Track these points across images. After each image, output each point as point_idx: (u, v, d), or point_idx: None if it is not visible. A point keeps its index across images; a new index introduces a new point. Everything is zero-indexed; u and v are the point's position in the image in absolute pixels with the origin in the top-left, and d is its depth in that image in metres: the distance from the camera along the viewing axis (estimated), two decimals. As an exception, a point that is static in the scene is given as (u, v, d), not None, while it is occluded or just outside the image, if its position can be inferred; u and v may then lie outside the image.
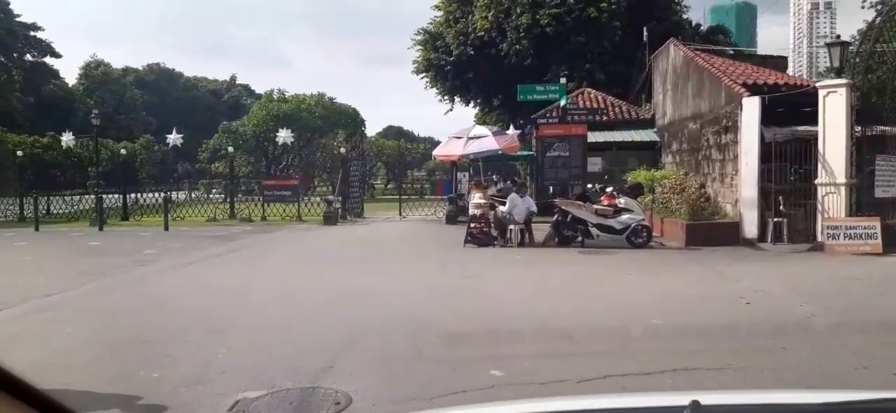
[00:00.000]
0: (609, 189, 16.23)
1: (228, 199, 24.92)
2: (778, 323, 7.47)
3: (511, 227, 14.27)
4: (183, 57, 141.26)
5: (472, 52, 35.25)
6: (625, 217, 13.90)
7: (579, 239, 13.97)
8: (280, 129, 25.12)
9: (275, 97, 42.47)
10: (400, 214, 23.63)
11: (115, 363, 6.10)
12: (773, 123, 14.33)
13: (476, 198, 14.64)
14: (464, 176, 23.81)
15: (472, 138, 17.08)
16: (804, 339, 6.89)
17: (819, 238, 13.28)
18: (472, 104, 42.82)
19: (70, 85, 77.64)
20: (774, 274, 10.63)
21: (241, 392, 5.13)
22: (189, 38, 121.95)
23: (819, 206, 13.45)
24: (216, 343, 6.71)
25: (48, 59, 59.66)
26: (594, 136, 21.03)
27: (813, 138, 13.57)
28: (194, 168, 57.99)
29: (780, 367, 5.78)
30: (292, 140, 25.16)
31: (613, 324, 7.44)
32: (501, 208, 14.46)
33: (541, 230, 14.70)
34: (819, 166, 13.40)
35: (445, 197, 24.77)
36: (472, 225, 14.45)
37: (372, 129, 64.51)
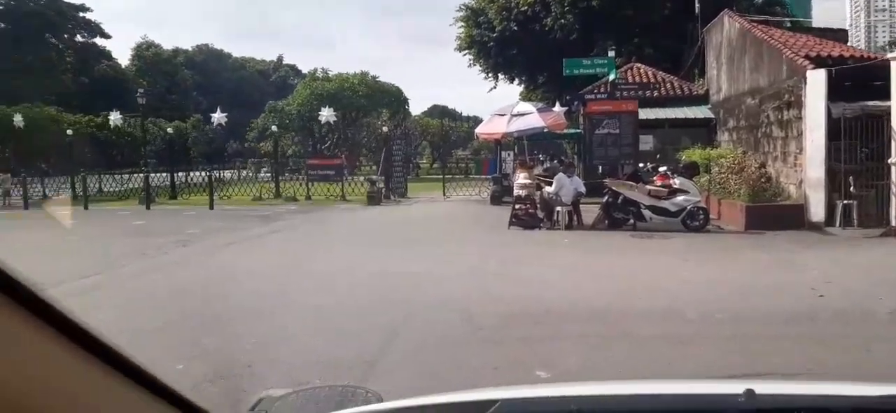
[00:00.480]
0: (662, 169, 15.43)
1: (274, 179, 24.87)
2: (856, 318, 6.76)
3: (558, 208, 13.66)
4: (230, 40, 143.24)
5: (515, 28, 34.39)
6: (680, 198, 13.13)
7: (631, 222, 13.27)
8: (323, 108, 24.88)
9: (318, 76, 42.35)
10: (444, 194, 23.19)
11: (138, 353, 5.82)
12: (838, 99, 13.29)
13: (521, 178, 14.04)
14: (508, 155, 23.13)
15: (515, 115, 16.31)
16: (888, 337, 6.18)
17: (893, 222, 12.28)
18: (516, 82, 41.99)
19: (123, 66, 79.72)
20: (847, 262, 9.79)
21: (266, 389, 4.78)
22: (236, 21, 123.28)
23: (893, 188, 12.42)
24: (247, 332, 6.40)
25: (98, 41, 61.05)
26: (645, 114, 20.10)
27: (885, 114, 12.49)
28: (243, 147, 58.77)
29: (862, 371, 5.13)
30: (335, 119, 24.89)
31: (671, 317, 6.84)
32: (548, 189, 13.85)
33: (590, 212, 14.05)
34: (892, 144, 12.35)
35: (490, 177, 24.21)
36: (517, 206, 13.89)
37: (417, 109, 64.24)
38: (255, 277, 9.07)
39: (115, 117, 24.32)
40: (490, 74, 38.15)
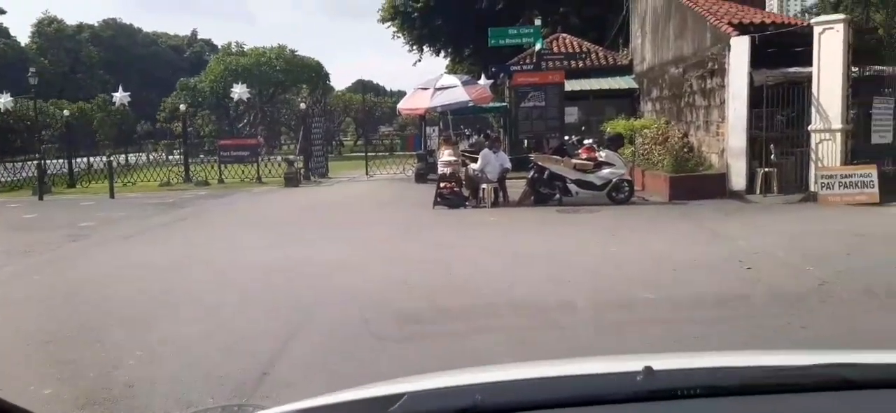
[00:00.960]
0: (587, 141, 15.20)
1: (184, 162, 23.35)
2: (787, 293, 6.52)
3: (484, 186, 13.16)
4: (141, 13, 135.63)
5: (440, -3, 33.60)
6: (606, 171, 12.86)
7: (557, 197, 12.92)
8: (235, 85, 23.41)
9: (233, 51, 40.20)
10: (367, 174, 22.36)
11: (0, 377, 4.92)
12: (761, 66, 13.30)
13: (445, 155, 13.42)
14: (433, 131, 22.51)
15: (439, 89, 15.57)
16: (821, 311, 5.95)
17: (812, 188, 12.41)
18: (441, 54, 41.30)
19: (22, 44, 74.19)
20: (771, 230, 9.69)
21: (143, 416, 4.02)
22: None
23: (812, 155, 12.54)
24: (131, 343, 5.56)
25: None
26: (570, 85, 19.79)
27: (806, 80, 12.57)
28: (154, 128, 55.68)
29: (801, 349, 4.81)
30: (249, 96, 23.51)
31: (601, 303, 6.41)
32: (473, 166, 13.31)
33: (516, 188, 13.63)
34: (813, 111, 12.44)
35: (415, 154, 23.60)
36: (442, 185, 13.29)
37: (340, 84, 62.54)
38: (147, 276, 8.12)
39: (4, 100, 22.10)
40: (414, 46, 37.31)
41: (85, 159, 25.75)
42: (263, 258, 8.91)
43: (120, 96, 23.28)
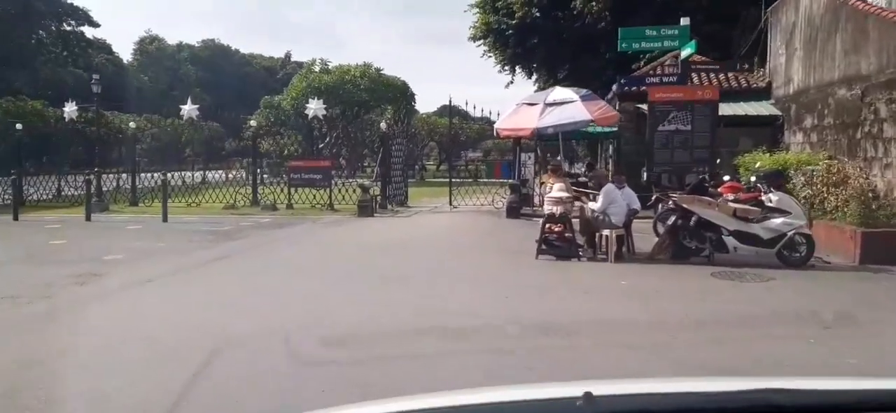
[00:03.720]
0: (727, 178, 11.80)
1: (252, 183, 21.29)
2: None
3: (605, 232, 9.94)
4: (238, 36, 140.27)
5: (537, 15, 30.64)
6: (777, 222, 9.38)
7: (706, 253, 9.55)
8: (310, 100, 21.20)
9: (317, 68, 38.54)
10: (450, 204, 19.50)
11: None
12: None
13: (555, 190, 10.31)
14: (529, 158, 19.47)
15: (551, 105, 12.21)
16: None
17: None
18: (533, 77, 38.45)
19: (125, 61, 77.14)
20: None
21: None
22: (244, 17, 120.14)
23: None
24: None
25: (98, 34, 57.89)
26: None
27: None
28: (239, 146, 55.39)
29: None
30: (325, 113, 21.23)
31: None
32: (592, 205, 10.11)
33: (641, 234, 10.36)
34: None
35: (506, 182, 20.61)
36: (548, 227, 10.17)
37: (425, 108, 60.46)
38: (144, 345, 5.49)
39: (69, 109, 20.81)
40: (506, 67, 34.51)
41: (158, 174, 24.42)
42: (303, 325, 6.11)
43: (188, 109, 21.54)
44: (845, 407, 1.40)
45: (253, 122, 25.08)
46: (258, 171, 29.80)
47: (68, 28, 50.54)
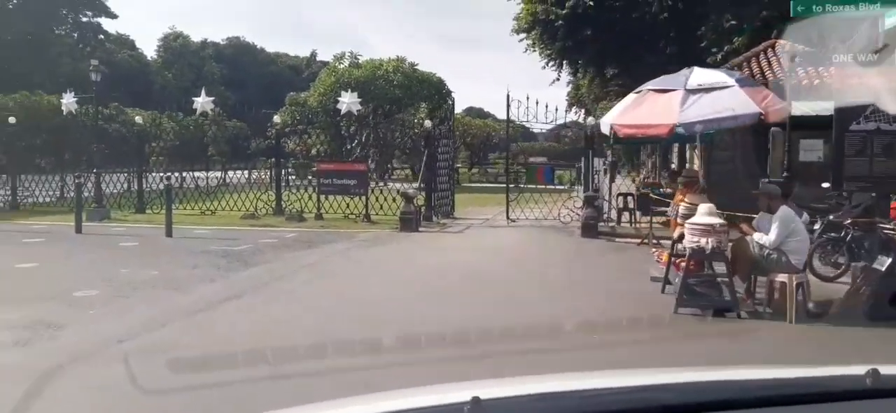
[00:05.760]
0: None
1: (275, 188, 18.44)
2: None
3: (780, 277, 6.81)
4: (263, 34, 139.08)
5: (590, 3, 27.46)
6: None
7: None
8: (343, 93, 18.29)
9: (346, 62, 35.72)
10: (507, 218, 16.45)
11: None
12: None
13: (700, 212, 7.20)
14: (602, 162, 16.40)
15: (695, 91, 8.76)
16: None
17: None
18: (579, 74, 35.40)
19: (148, 57, 75.76)
20: None
21: None
22: (269, 16, 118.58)
23: None
24: None
25: (118, 28, 55.98)
26: (797, 108, 12.64)
27: None
28: (264, 145, 53.09)
29: None
30: (359, 109, 18.35)
31: None
32: (760, 237, 6.98)
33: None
34: None
35: (574, 192, 17.56)
36: (690, 265, 7.06)
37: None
38: None
39: (67, 100, 18.16)
40: (554, 62, 31.38)
41: (185, 175, 22.04)
42: None
43: (202, 102, 18.76)
44: (736, 402, 1.37)
45: (278, 119, 22.27)
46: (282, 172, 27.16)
47: (85, 19, 48.49)
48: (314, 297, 8.23)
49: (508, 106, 16.15)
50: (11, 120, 18.70)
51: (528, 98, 16.26)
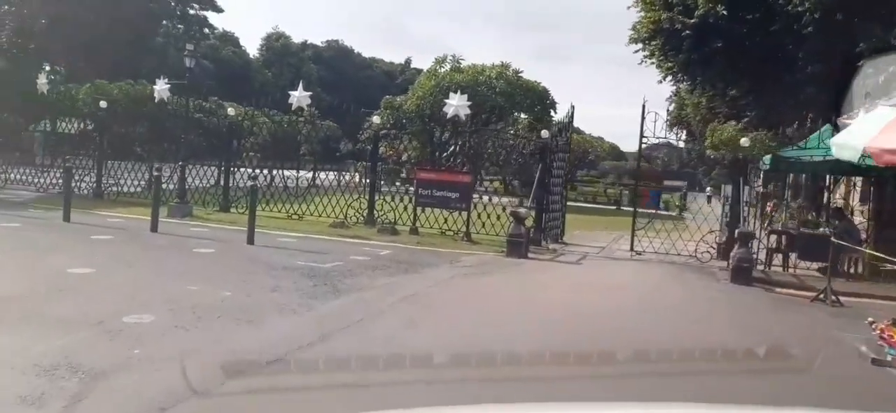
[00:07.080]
0: None
1: (368, 195, 16.78)
2: None
3: None
4: (362, 38, 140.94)
5: (724, 12, 24.50)
6: None
7: None
8: (452, 94, 16.45)
9: (447, 65, 33.97)
10: (631, 249, 14.07)
11: None
12: None
13: None
14: (746, 189, 13.80)
15: None
16: None
17: None
18: (697, 91, 32.22)
19: (250, 55, 77.81)
20: None
21: None
22: (367, 21, 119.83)
23: None
24: None
25: (229, 28, 57.14)
26: None
27: None
28: (355, 148, 52.60)
29: None
30: (468, 113, 16.47)
31: None
32: None
33: None
34: None
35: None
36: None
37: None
38: None
39: (160, 87, 17.27)
40: (674, 76, 28.50)
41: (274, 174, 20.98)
42: None
43: (299, 96, 17.39)
44: None
45: (376, 119, 20.80)
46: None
47: (192, 12, 49.30)
48: (419, 348, 6.26)
49: (643, 118, 13.83)
50: (103, 104, 17.98)
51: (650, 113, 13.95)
